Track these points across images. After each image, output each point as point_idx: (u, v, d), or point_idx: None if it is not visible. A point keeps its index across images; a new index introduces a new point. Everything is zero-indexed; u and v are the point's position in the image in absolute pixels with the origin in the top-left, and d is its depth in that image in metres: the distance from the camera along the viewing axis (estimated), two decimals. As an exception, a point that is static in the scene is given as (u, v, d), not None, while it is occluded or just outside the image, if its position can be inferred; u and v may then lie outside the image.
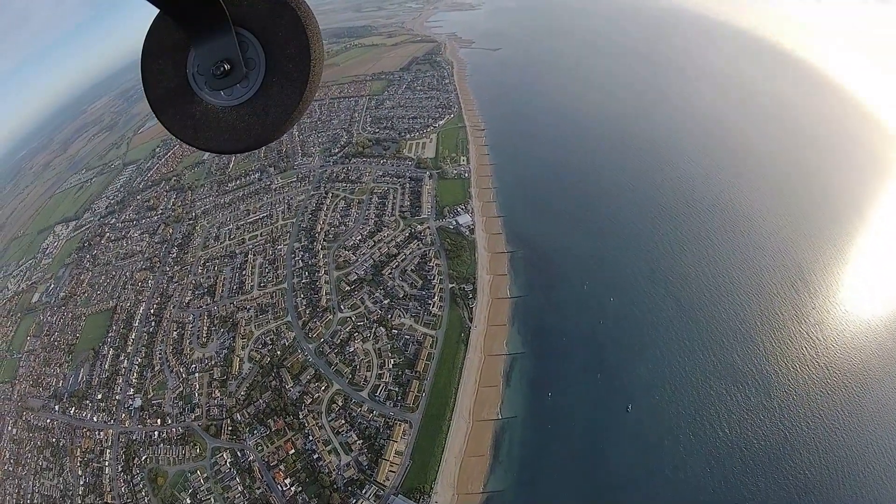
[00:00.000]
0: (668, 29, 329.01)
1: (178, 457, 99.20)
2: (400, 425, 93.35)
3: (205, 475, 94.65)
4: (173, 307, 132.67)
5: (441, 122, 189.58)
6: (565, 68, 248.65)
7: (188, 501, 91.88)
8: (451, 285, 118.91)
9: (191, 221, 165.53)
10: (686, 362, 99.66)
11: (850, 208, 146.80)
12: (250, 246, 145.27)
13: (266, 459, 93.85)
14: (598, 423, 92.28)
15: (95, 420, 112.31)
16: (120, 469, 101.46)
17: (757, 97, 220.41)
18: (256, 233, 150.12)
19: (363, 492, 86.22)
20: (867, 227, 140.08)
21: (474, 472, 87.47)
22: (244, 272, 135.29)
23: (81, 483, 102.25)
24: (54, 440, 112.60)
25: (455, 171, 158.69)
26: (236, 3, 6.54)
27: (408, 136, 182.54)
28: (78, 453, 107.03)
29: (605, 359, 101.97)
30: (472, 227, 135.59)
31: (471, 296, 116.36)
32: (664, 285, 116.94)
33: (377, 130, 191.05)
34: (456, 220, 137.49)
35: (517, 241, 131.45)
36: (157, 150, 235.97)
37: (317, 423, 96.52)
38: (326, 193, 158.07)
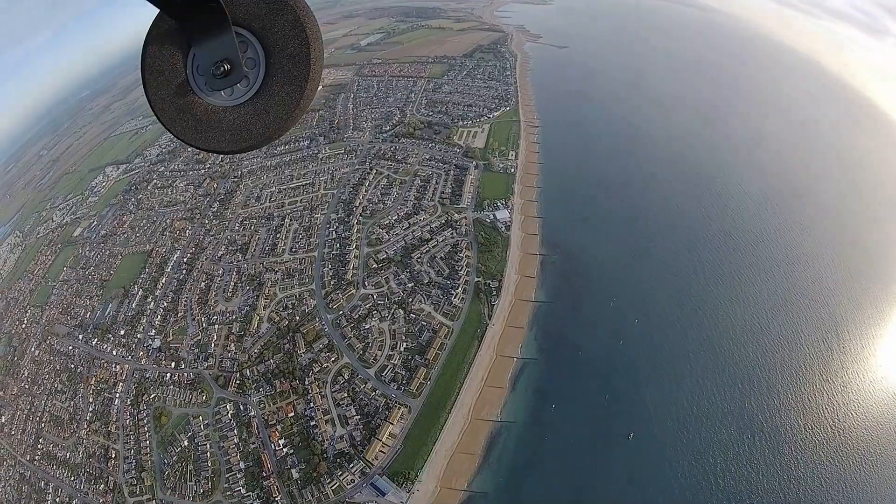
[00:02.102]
0: (748, 58, 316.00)
1: (184, 400, 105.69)
2: (399, 408, 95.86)
3: (205, 422, 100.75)
4: (206, 259, 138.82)
5: (496, 114, 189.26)
6: (630, 79, 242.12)
7: (185, 443, 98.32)
8: (476, 279, 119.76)
9: (236, 179, 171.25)
10: (697, 400, 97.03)
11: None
12: (288, 210, 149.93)
13: (265, 418, 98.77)
14: (596, 444, 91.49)
15: (114, 354, 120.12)
16: (129, 402, 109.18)
17: (831, 143, 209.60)
18: (297, 199, 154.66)
19: (350, 466, 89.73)
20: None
21: (461, 468, 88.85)
22: (278, 235, 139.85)
23: (90, 409, 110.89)
24: (72, 366, 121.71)
25: (502, 165, 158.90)
26: (236, 3, 6.76)
27: (460, 123, 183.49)
28: (92, 382, 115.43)
29: (616, 381, 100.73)
30: (509, 223, 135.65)
31: (494, 293, 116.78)
32: (692, 316, 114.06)
33: (431, 114, 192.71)
34: (494, 215, 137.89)
35: (552, 245, 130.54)
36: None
37: (320, 392, 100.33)
38: (371, 169, 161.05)
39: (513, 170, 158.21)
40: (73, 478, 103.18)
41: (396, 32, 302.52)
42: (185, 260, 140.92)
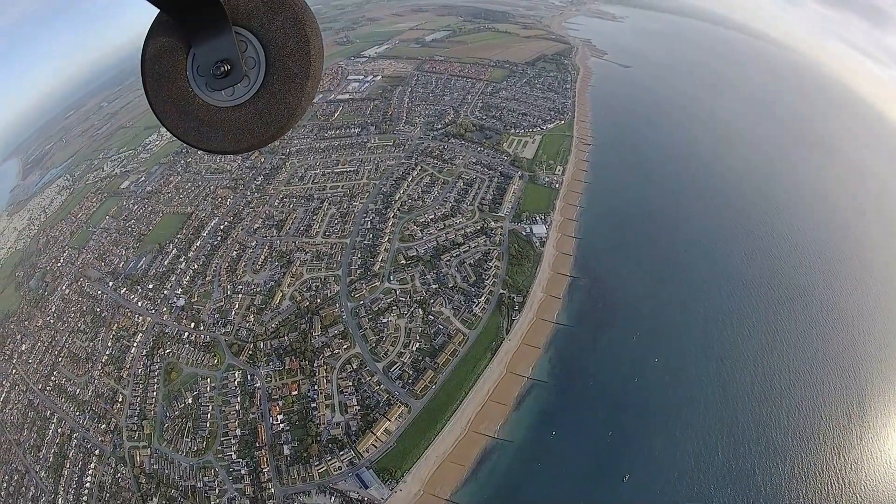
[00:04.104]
0: (816, 101, 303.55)
1: (196, 360, 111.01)
2: (399, 407, 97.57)
3: (212, 384, 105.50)
4: (242, 229, 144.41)
5: (549, 126, 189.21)
6: (691, 108, 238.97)
7: (189, 401, 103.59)
8: (501, 291, 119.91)
9: (283, 156, 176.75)
10: (702, 453, 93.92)
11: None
12: (329, 194, 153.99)
13: (270, 391, 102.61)
14: (589, 480, 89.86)
15: (139, 305, 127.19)
16: (144, 353, 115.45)
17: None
18: (339, 184, 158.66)
19: (340, 453, 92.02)
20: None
21: (448, 477, 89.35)
22: (315, 217, 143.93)
23: (107, 353, 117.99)
24: (98, 310, 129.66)
25: (547, 179, 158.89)
26: (235, 3, 6.94)
27: (512, 130, 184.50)
28: (114, 328, 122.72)
29: (623, 418, 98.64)
30: (544, 239, 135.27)
31: (517, 308, 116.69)
32: (714, 364, 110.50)
33: (484, 117, 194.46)
34: (530, 228, 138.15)
35: (584, 268, 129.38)
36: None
37: (326, 377, 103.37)
38: (416, 165, 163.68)
39: (557, 185, 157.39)
40: (78, 413, 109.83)
41: (462, 32, 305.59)
42: (221, 227, 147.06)
